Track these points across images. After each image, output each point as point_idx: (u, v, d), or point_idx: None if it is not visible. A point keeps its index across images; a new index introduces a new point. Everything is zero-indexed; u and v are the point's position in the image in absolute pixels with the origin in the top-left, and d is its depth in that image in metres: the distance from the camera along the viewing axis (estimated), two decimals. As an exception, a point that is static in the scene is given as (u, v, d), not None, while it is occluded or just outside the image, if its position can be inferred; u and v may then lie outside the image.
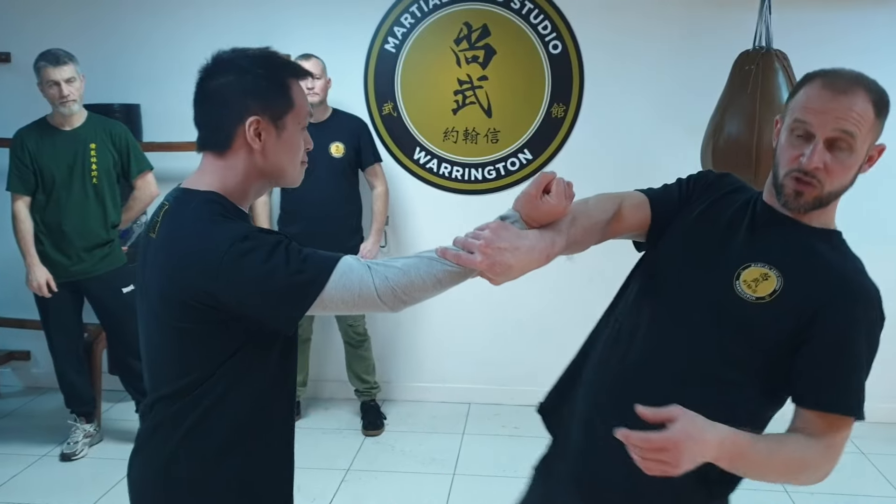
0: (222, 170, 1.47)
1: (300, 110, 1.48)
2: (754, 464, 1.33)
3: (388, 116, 4.15)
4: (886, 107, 1.42)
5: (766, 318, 1.41)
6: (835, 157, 1.39)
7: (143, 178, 3.68)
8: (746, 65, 3.27)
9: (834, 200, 1.46)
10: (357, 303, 1.40)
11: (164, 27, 4.20)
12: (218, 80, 1.46)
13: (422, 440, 3.93)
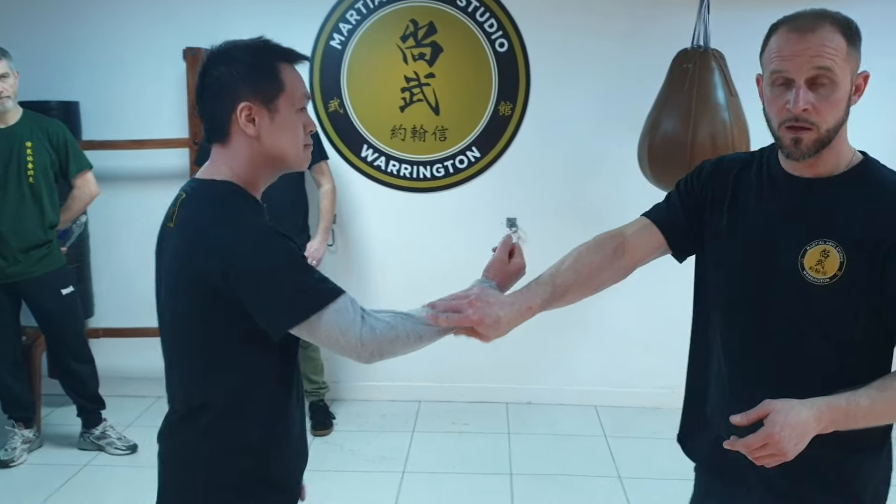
0: (228, 159, 1.52)
1: (292, 92, 1.50)
2: (863, 417, 1.34)
3: (335, 113, 4.12)
4: (856, 34, 1.42)
5: (846, 294, 1.41)
6: (819, 94, 1.39)
7: (82, 178, 3.59)
8: (684, 63, 3.32)
9: (835, 138, 1.43)
10: (338, 342, 1.44)
11: (103, 23, 4.10)
12: (211, 73, 1.50)
13: (371, 439, 3.91)
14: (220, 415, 1.52)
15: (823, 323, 1.44)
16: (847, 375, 1.42)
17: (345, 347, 1.45)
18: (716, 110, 3.24)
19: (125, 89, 4.11)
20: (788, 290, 1.45)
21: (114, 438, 3.72)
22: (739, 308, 1.54)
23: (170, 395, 1.60)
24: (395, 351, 1.48)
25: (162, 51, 4.03)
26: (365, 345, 1.44)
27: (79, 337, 3.68)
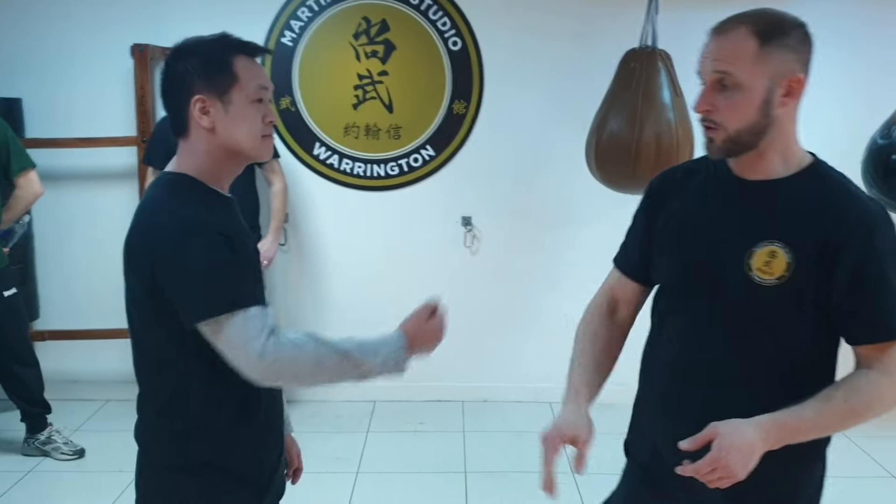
0: (189, 152, 1.56)
1: (247, 82, 1.52)
2: (808, 430, 1.35)
3: (286, 111, 4.08)
4: (777, 34, 1.39)
5: (793, 295, 1.41)
6: (725, 96, 1.40)
7: (24, 177, 3.49)
8: (631, 63, 3.35)
9: (767, 138, 1.42)
10: (237, 350, 1.45)
11: (48, 18, 4.00)
12: (171, 67, 1.56)
13: (326, 440, 3.88)
14: (168, 399, 1.56)
15: (770, 324, 1.44)
16: (793, 378, 1.44)
17: (242, 358, 1.45)
18: (661, 110, 3.27)
19: (71, 86, 4.02)
20: (735, 292, 1.45)
21: (60, 443, 3.63)
22: (687, 310, 1.55)
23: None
24: (295, 372, 1.48)
25: (109, 47, 3.95)
26: (264, 359, 1.44)
27: (22, 340, 3.59)
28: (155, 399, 1.60)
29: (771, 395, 1.41)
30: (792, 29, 1.41)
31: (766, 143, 1.43)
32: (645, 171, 3.17)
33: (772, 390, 1.44)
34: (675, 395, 1.57)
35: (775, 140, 1.43)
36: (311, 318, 4.23)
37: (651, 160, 3.17)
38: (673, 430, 1.44)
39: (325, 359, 1.49)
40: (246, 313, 1.45)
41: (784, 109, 1.41)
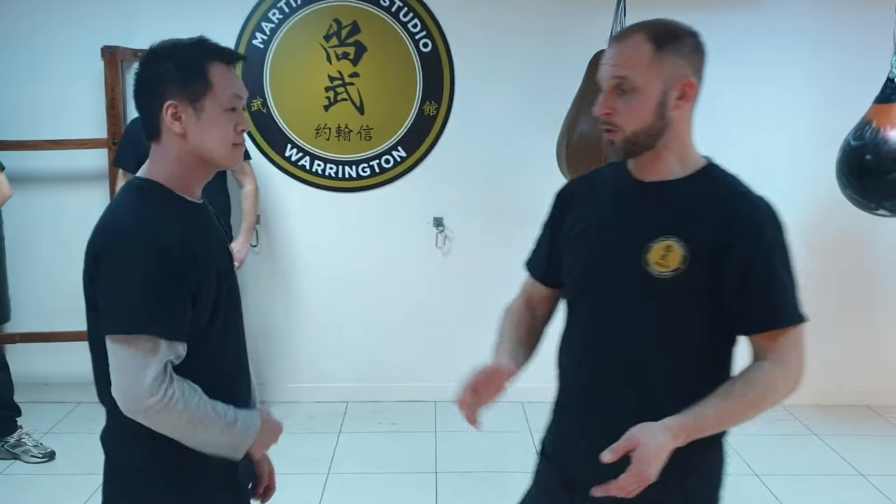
0: (160, 157, 1.55)
1: (221, 91, 1.51)
2: (714, 426, 1.43)
3: (258, 113, 4.08)
4: (670, 41, 1.46)
5: (689, 286, 1.47)
6: (623, 100, 1.47)
7: (-8, 179, 3.49)
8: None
9: (664, 139, 1.49)
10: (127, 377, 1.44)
11: (14, 19, 3.99)
12: (144, 69, 1.54)
13: (296, 441, 3.88)
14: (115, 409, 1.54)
15: (667, 317, 1.49)
16: (690, 373, 1.49)
17: (126, 384, 1.44)
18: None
19: (41, 88, 4.01)
20: (635, 286, 1.50)
21: (30, 446, 3.62)
22: (590, 308, 1.60)
23: None
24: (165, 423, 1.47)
25: (79, 49, 3.94)
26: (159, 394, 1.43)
27: (-10, 342, 3.58)
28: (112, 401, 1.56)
29: (666, 389, 1.48)
30: (685, 37, 1.49)
31: (662, 145, 1.50)
32: None
33: (668, 385, 1.49)
34: (581, 391, 1.62)
35: (671, 142, 1.50)
36: (282, 319, 4.24)
37: None
38: (580, 425, 1.56)
39: (204, 415, 1.50)
40: (152, 341, 1.43)
41: (678, 112, 1.48)
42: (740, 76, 4.08)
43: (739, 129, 4.13)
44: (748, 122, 4.13)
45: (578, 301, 1.64)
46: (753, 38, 4.08)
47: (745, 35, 4.09)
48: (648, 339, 1.51)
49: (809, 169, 4.09)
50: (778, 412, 4.24)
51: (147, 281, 1.44)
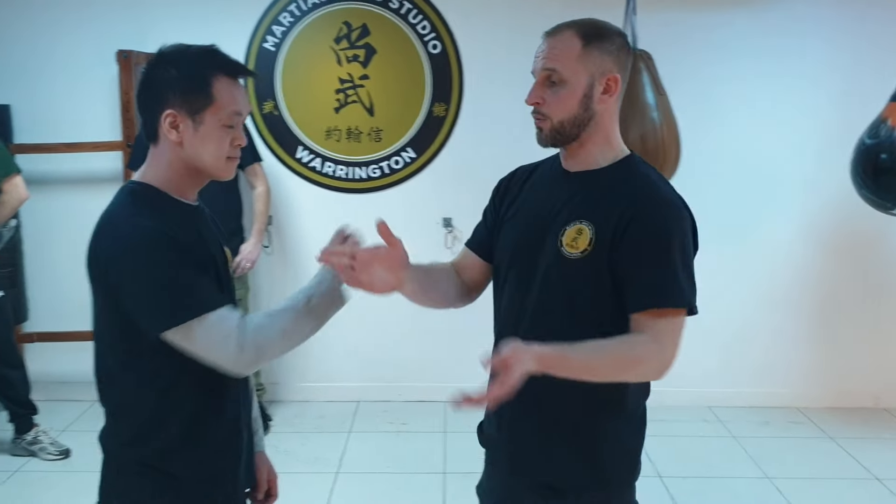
0: (156, 160, 1.56)
1: (222, 107, 1.50)
2: (578, 368, 1.47)
3: (270, 115, 4.13)
4: (597, 37, 1.56)
5: (594, 267, 1.55)
6: (553, 91, 1.57)
7: (9, 182, 3.55)
8: (612, 65, 3.36)
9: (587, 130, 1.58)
10: (214, 350, 1.47)
11: (34, 25, 4.07)
12: (150, 73, 1.54)
13: (307, 440, 3.92)
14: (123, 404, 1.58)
15: (573, 296, 1.58)
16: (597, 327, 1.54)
17: (222, 357, 1.48)
18: (644, 110, 3.28)
19: (58, 92, 4.08)
20: (550, 267, 1.59)
21: (46, 444, 3.70)
22: (512, 286, 1.68)
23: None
24: (271, 352, 1.52)
25: (94, 53, 4.01)
26: (244, 353, 1.47)
27: (7, 342, 3.65)
28: (111, 403, 1.62)
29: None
30: (613, 36, 1.59)
31: (586, 136, 1.59)
32: None
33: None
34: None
35: (594, 133, 1.60)
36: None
37: None
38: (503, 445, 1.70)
39: (287, 323, 1.53)
40: (215, 314, 1.46)
41: (603, 106, 1.58)
42: (753, 72, 4.05)
43: (751, 126, 4.10)
44: (760, 119, 4.10)
45: (504, 282, 1.72)
46: (767, 33, 4.05)
47: (757, 31, 4.06)
48: (555, 317, 1.59)
49: (824, 168, 4.05)
50: (792, 414, 4.21)
51: (173, 270, 1.46)
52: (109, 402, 1.62)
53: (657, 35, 3.58)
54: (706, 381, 4.34)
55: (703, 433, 4.04)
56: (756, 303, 4.28)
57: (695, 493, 3.39)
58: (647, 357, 1.51)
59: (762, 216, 4.20)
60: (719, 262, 4.21)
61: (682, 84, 3.99)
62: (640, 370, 1.53)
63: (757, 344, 4.32)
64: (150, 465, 1.58)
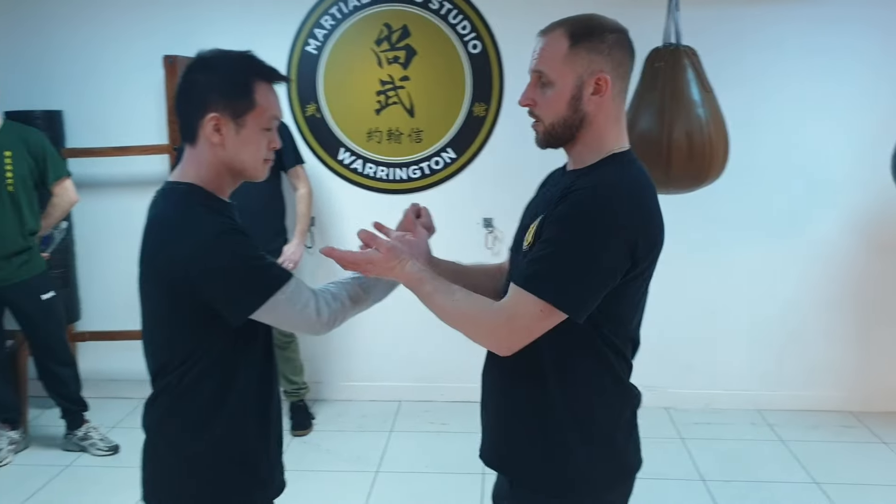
0: (195, 161, 1.61)
1: (263, 112, 1.57)
2: (429, 297, 1.55)
3: (312, 118, 4.18)
4: (586, 37, 1.52)
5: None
6: (543, 92, 1.55)
7: (60, 185, 3.67)
8: (655, 62, 3.31)
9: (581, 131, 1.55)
10: (295, 319, 1.59)
11: (85, 34, 4.20)
12: (191, 76, 1.59)
13: (348, 439, 3.96)
14: (177, 398, 1.64)
15: None
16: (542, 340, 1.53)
17: (305, 323, 1.59)
18: (690, 107, 3.21)
19: (107, 97, 4.20)
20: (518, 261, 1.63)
21: (96, 439, 3.80)
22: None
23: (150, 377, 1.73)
24: (345, 315, 1.66)
25: (141, 59, 4.11)
26: (322, 316, 1.60)
27: (59, 340, 3.77)
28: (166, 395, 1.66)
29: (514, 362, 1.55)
30: (605, 33, 1.54)
31: (579, 137, 1.56)
32: (678, 171, 3.13)
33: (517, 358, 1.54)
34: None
35: (586, 134, 1.56)
36: (336, 319, 4.32)
37: (684, 159, 3.12)
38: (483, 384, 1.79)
39: (354, 290, 1.69)
40: (290, 287, 1.56)
41: (594, 106, 1.53)
42: (802, 68, 3.96)
43: (800, 123, 4.00)
44: (809, 115, 4.00)
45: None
46: (816, 29, 3.95)
47: (806, 26, 3.96)
48: None
49: (875, 166, 3.92)
50: (844, 418, 4.09)
51: (248, 255, 1.55)
52: (163, 391, 1.66)
53: (704, 30, 3.52)
54: (755, 383, 4.26)
55: (750, 437, 3.95)
56: (807, 304, 4.18)
57: (738, 497, 3.32)
58: (484, 321, 1.52)
59: (812, 215, 4.09)
60: (768, 263, 4.13)
61: (733, 81, 3.93)
62: (474, 331, 1.54)
63: (808, 346, 4.21)
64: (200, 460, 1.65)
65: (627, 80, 1.58)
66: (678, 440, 3.90)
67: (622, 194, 1.49)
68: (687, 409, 4.25)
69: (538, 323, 1.48)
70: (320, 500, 3.35)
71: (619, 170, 1.55)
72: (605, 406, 1.61)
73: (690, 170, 3.18)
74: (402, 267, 1.56)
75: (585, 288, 1.46)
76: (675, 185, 3.26)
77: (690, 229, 4.10)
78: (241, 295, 1.54)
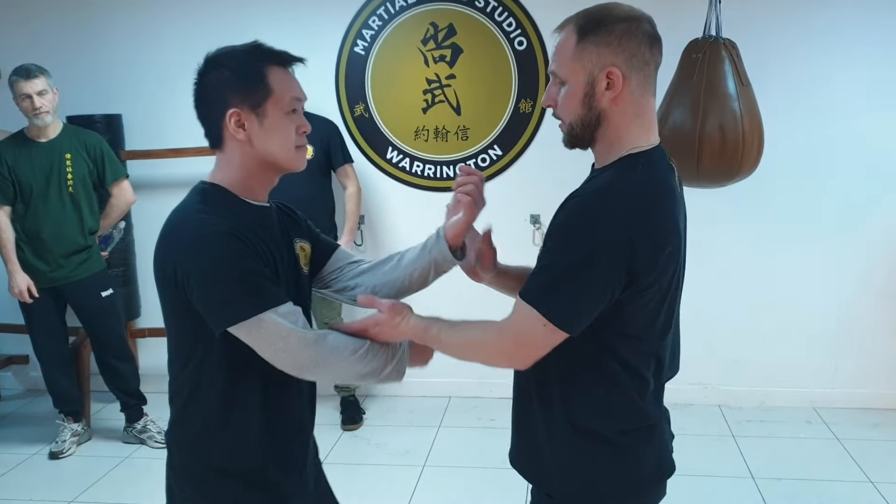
0: (224, 163, 1.58)
1: (281, 96, 1.52)
2: (438, 341, 1.58)
3: (360, 117, 4.24)
4: (593, 30, 1.44)
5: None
6: (560, 92, 1.50)
7: (118, 186, 3.80)
8: (693, 53, 3.27)
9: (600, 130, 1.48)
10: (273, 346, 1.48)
11: (138, 37, 4.35)
12: (203, 78, 1.57)
13: (397, 433, 4.00)
14: (186, 402, 1.61)
15: None
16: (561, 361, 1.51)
17: (280, 354, 1.49)
18: (725, 100, 3.17)
19: (163, 101, 4.32)
20: None
21: (154, 432, 3.92)
22: None
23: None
24: (326, 365, 1.52)
25: (196, 64, 4.21)
26: (301, 352, 1.49)
27: (118, 337, 3.90)
28: (174, 402, 1.64)
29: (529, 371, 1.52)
30: (613, 24, 1.44)
31: (599, 135, 1.49)
32: (710, 164, 3.10)
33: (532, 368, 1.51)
34: None
35: (605, 132, 1.48)
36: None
37: (716, 153, 3.08)
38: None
39: (350, 351, 1.53)
40: (277, 311, 1.47)
41: (609, 102, 1.45)
42: (851, 58, 3.86)
43: (853, 114, 3.91)
44: (862, 106, 3.90)
45: None
46: (866, 18, 3.85)
47: (855, 15, 3.87)
48: None
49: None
50: (904, 415, 3.99)
51: (236, 267, 1.46)
52: (173, 400, 1.64)
53: (745, 24, 3.47)
54: (811, 380, 4.17)
55: (805, 434, 3.87)
56: (864, 299, 4.07)
57: (789, 496, 3.25)
58: (491, 343, 1.53)
59: (870, 208, 3.99)
60: (823, 257, 4.04)
61: (780, 74, 3.86)
62: (485, 355, 1.55)
63: (866, 343, 4.10)
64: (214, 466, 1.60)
65: (649, 71, 1.46)
66: (730, 438, 3.84)
67: (616, 204, 1.40)
68: (740, 406, 4.19)
69: (543, 335, 1.43)
70: (368, 493, 3.40)
71: (622, 175, 1.45)
72: (608, 421, 1.54)
73: (722, 164, 3.12)
74: (406, 323, 1.56)
75: (573, 301, 1.41)
76: (705, 179, 3.22)
77: (744, 224, 4.04)
78: (220, 307, 1.47)
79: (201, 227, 1.49)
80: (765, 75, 3.24)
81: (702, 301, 4.14)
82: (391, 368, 1.59)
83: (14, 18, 4.41)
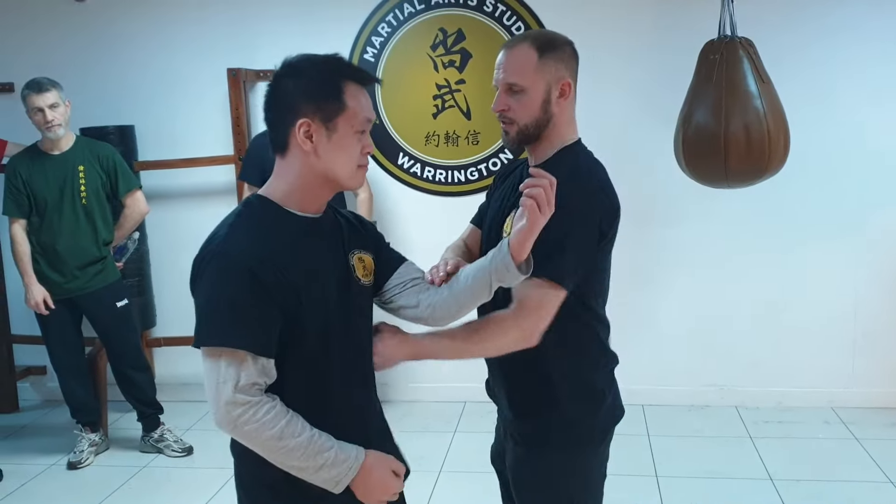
0: (284, 172, 1.54)
1: (354, 114, 1.49)
2: (447, 352, 1.76)
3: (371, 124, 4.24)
4: (551, 48, 1.77)
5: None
6: (515, 98, 1.76)
7: (131, 196, 3.83)
8: (711, 54, 3.26)
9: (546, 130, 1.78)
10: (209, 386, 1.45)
11: (150, 49, 4.39)
12: (279, 83, 1.53)
13: (413, 439, 3.98)
14: None
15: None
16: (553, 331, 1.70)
17: (211, 397, 1.45)
18: (747, 99, 3.16)
19: (175, 111, 4.37)
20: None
21: (171, 441, 3.94)
22: None
23: None
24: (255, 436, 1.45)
25: (206, 73, 4.26)
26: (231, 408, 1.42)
27: (134, 347, 3.93)
28: None
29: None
30: (563, 45, 1.80)
31: (545, 134, 1.80)
32: (737, 164, 3.09)
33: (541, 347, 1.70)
34: None
35: (550, 132, 1.80)
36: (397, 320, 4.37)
37: (742, 153, 3.08)
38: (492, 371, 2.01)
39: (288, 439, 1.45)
40: (233, 354, 1.42)
41: (559, 108, 1.79)
42: (865, 55, 3.84)
43: (869, 112, 3.88)
44: (878, 103, 3.88)
45: None
46: (880, 14, 3.82)
47: (869, 12, 3.85)
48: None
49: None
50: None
51: (230, 296, 1.44)
52: None
53: (761, 21, 3.45)
54: (829, 380, 4.14)
55: (823, 435, 3.84)
56: (881, 299, 4.04)
57: (808, 498, 3.23)
58: (506, 330, 1.69)
59: (884, 208, 3.96)
60: (842, 258, 4.01)
61: (795, 72, 3.83)
62: (502, 343, 1.71)
63: (883, 342, 4.07)
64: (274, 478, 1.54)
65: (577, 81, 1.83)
66: (747, 439, 3.81)
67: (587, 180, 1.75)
68: (757, 407, 4.16)
69: (556, 301, 1.67)
70: (384, 500, 3.40)
71: (574, 160, 1.79)
72: (591, 366, 1.88)
73: (750, 163, 3.11)
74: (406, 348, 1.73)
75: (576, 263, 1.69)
76: (734, 180, 3.20)
77: (759, 223, 4.02)
78: (197, 324, 1.47)
79: (220, 246, 1.48)
80: (779, 74, 3.21)
81: (717, 302, 4.14)
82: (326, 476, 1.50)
83: (27, 33, 4.45)
